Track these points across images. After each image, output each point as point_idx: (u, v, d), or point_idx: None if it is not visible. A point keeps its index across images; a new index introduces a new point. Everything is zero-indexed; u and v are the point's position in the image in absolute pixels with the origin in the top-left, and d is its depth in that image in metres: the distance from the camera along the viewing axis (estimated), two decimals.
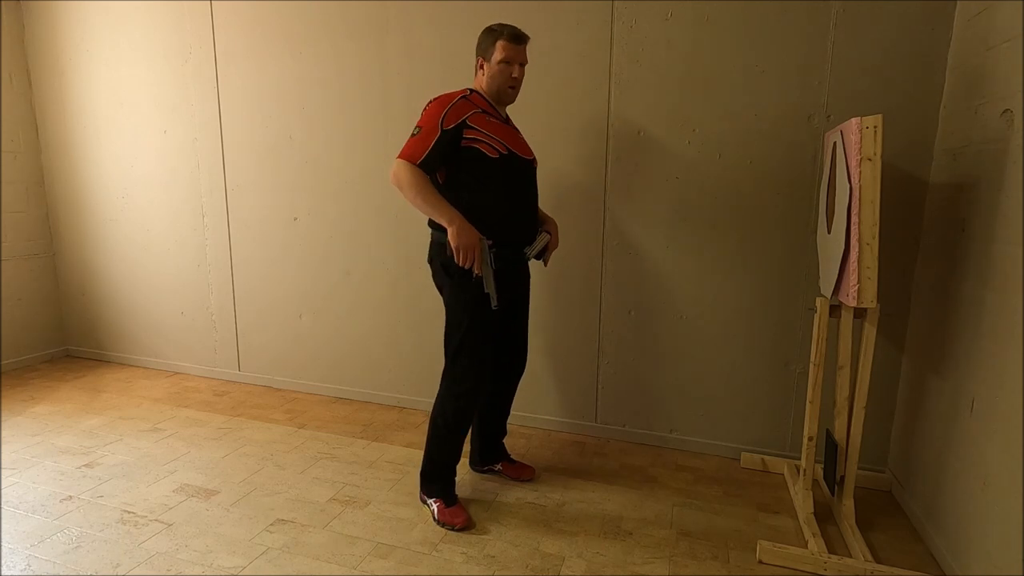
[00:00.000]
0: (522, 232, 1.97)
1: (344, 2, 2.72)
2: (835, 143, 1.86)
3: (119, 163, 3.37)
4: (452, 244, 1.77)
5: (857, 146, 1.66)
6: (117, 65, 3.26)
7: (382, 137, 2.77)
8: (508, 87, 1.89)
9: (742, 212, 2.31)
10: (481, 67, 1.91)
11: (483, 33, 1.91)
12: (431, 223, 1.94)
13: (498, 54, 1.86)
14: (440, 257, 1.91)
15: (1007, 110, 1.59)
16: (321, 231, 2.98)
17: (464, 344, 1.92)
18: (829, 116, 2.15)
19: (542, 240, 1.99)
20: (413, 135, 1.82)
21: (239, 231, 3.16)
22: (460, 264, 1.79)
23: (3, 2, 3.35)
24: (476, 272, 1.82)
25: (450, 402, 1.97)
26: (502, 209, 1.88)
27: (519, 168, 1.92)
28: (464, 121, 1.81)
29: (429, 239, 1.97)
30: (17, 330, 3.51)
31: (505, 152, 1.86)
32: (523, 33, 1.88)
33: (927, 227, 2.07)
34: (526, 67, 2.01)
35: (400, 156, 1.81)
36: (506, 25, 1.88)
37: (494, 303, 1.85)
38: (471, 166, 1.84)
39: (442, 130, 1.79)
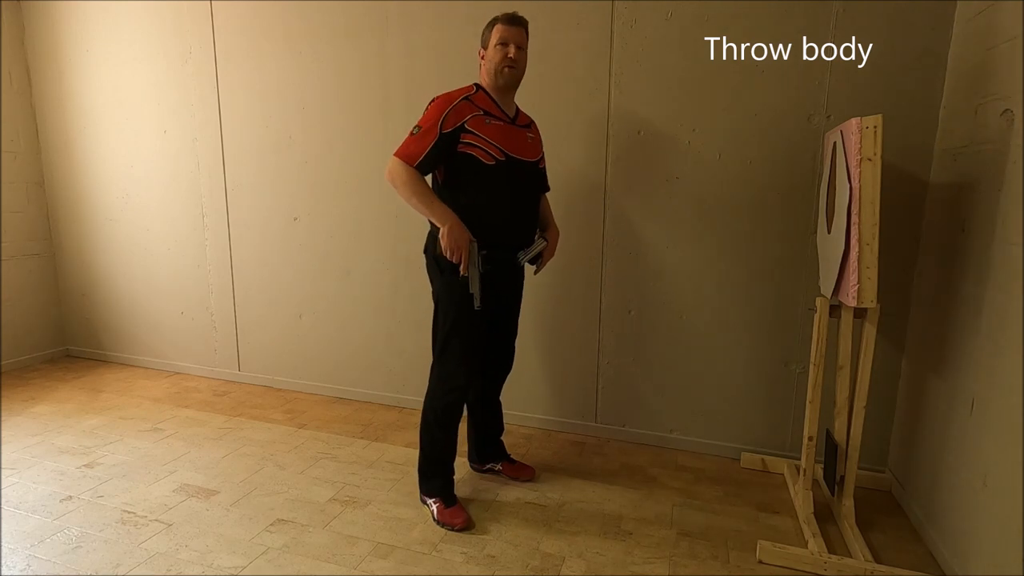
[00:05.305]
0: (517, 235, 1.97)
1: (344, 2, 2.72)
2: (835, 143, 1.85)
3: (119, 163, 3.37)
4: (443, 243, 1.80)
5: (857, 146, 1.66)
6: (117, 65, 3.26)
7: (382, 137, 2.77)
8: (505, 67, 1.85)
9: (742, 212, 2.31)
10: (482, 57, 1.90)
11: (485, 26, 1.91)
12: None
13: (494, 37, 1.86)
14: (433, 250, 1.92)
15: (1007, 110, 1.59)
16: (321, 231, 2.98)
17: (450, 339, 1.93)
18: (829, 116, 2.15)
19: (538, 246, 1.99)
20: (412, 133, 1.82)
21: (239, 231, 3.16)
22: (448, 259, 1.82)
23: (3, 2, 3.35)
24: (463, 272, 1.83)
25: (439, 399, 1.98)
26: (497, 212, 1.88)
27: (518, 172, 1.91)
28: (463, 125, 1.81)
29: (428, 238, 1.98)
30: (17, 330, 3.51)
31: (502, 158, 1.86)
32: (519, 16, 1.87)
33: (927, 227, 2.07)
34: (534, 66, 2.00)
35: (396, 154, 1.81)
36: (504, 12, 1.89)
37: (477, 304, 1.87)
38: (467, 170, 1.84)
39: (440, 133, 1.79)
